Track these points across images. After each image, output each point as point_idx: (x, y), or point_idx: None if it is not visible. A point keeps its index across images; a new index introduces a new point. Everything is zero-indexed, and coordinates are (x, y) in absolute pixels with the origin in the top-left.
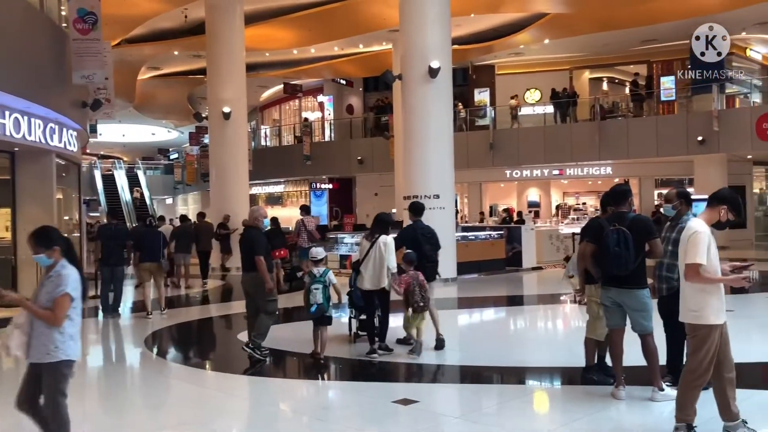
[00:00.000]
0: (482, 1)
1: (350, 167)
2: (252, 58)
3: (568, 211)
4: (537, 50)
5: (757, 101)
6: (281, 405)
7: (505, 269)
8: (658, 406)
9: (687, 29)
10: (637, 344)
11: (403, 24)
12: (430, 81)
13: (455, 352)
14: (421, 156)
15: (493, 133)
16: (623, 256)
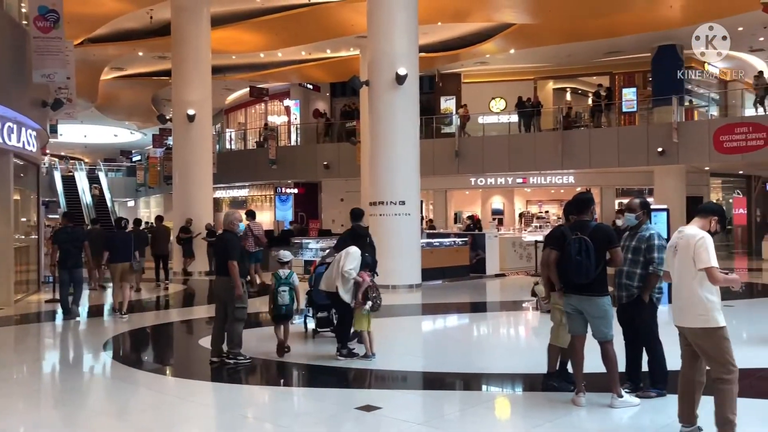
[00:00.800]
0: (449, 11)
1: (316, 172)
2: (218, 60)
3: (531, 219)
4: (502, 60)
5: (714, 114)
6: (243, 411)
7: (468, 276)
8: (617, 412)
9: (649, 42)
10: (598, 351)
11: (370, 30)
12: (397, 88)
13: (419, 358)
14: (387, 162)
15: (459, 141)
16: (584, 265)
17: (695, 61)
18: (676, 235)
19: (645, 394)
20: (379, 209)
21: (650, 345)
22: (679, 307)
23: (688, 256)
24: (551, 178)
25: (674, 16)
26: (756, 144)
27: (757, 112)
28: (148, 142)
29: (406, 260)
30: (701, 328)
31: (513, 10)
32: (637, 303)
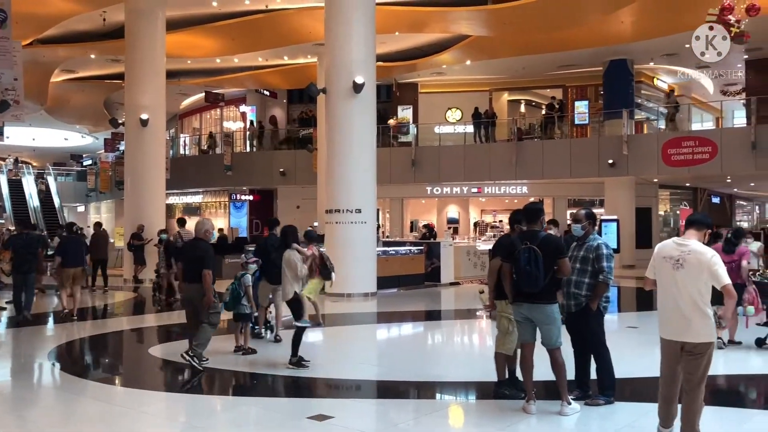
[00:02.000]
0: (406, 21)
1: (272, 179)
2: (173, 64)
3: (486, 228)
4: (459, 71)
5: (663, 128)
6: (193, 421)
7: (423, 284)
8: (567, 419)
9: (601, 56)
10: (547, 359)
11: (328, 38)
12: (354, 96)
13: (373, 367)
14: (344, 170)
15: (416, 150)
16: (533, 274)
17: (645, 75)
18: (677, 247)
19: (594, 402)
20: (335, 217)
21: (598, 352)
22: (679, 322)
23: (699, 272)
24: (505, 188)
25: (625, 31)
26: (702, 157)
27: (667, 128)
28: (99, 147)
29: (361, 268)
30: (704, 343)
31: (469, 22)
32: (586, 311)
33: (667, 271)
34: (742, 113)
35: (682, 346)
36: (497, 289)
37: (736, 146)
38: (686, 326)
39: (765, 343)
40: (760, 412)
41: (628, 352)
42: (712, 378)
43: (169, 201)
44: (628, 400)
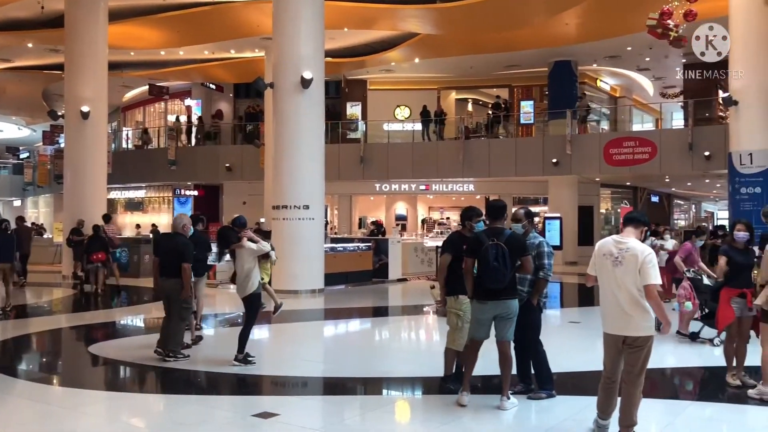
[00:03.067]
0: (355, 17)
1: (218, 174)
2: (115, 56)
3: (433, 225)
4: (407, 68)
5: (605, 128)
6: (134, 421)
7: (371, 280)
8: (507, 414)
9: (546, 57)
10: (490, 354)
11: (276, 32)
12: (302, 91)
13: (319, 363)
14: (291, 166)
15: (364, 147)
16: (501, 271)
17: (588, 77)
18: (616, 245)
19: (537, 396)
20: (283, 213)
21: (536, 347)
22: (620, 317)
23: (636, 269)
24: (453, 185)
25: (570, 33)
26: (642, 157)
27: (578, 131)
28: (37, 139)
29: (309, 265)
30: (644, 337)
31: (418, 20)
32: (528, 307)
33: (607, 268)
34: (680, 115)
35: (623, 340)
36: (447, 286)
37: (675, 147)
38: (627, 321)
39: (699, 337)
40: (693, 403)
41: (570, 347)
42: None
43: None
44: (569, 394)
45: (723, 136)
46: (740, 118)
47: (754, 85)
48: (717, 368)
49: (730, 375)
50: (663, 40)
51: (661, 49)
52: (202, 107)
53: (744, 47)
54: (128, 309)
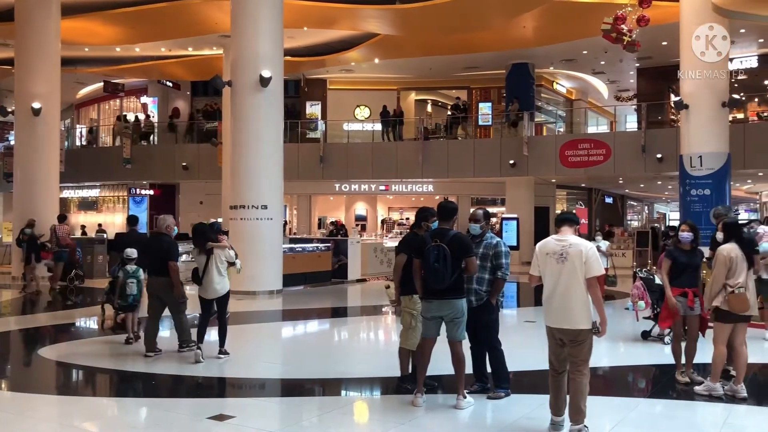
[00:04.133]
0: (315, 16)
1: (174, 173)
2: (69, 51)
3: (393, 225)
4: (367, 69)
5: (561, 130)
6: (86, 425)
7: (330, 281)
8: (463, 413)
9: (504, 60)
10: (448, 354)
11: (234, 30)
12: (261, 90)
13: (277, 365)
14: (249, 165)
15: (324, 147)
16: (441, 271)
17: (545, 79)
18: (558, 243)
19: (495, 395)
20: (240, 213)
21: (494, 346)
22: (564, 311)
23: (581, 263)
24: (412, 186)
25: (527, 36)
26: (596, 159)
27: (509, 134)
28: None
29: (267, 265)
30: (586, 329)
31: (378, 21)
32: (486, 306)
33: (552, 266)
34: (633, 118)
35: (567, 333)
36: (402, 285)
37: (628, 149)
38: (569, 314)
39: (650, 336)
40: (644, 400)
41: (526, 346)
42: (603, 369)
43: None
44: (525, 392)
45: (674, 139)
46: (691, 121)
47: (704, 90)
48: (667, 366)
49: (679, 372)
50: (617, 44)
51: (615, 53)
52: (159, 105)
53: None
54: (81, 311)
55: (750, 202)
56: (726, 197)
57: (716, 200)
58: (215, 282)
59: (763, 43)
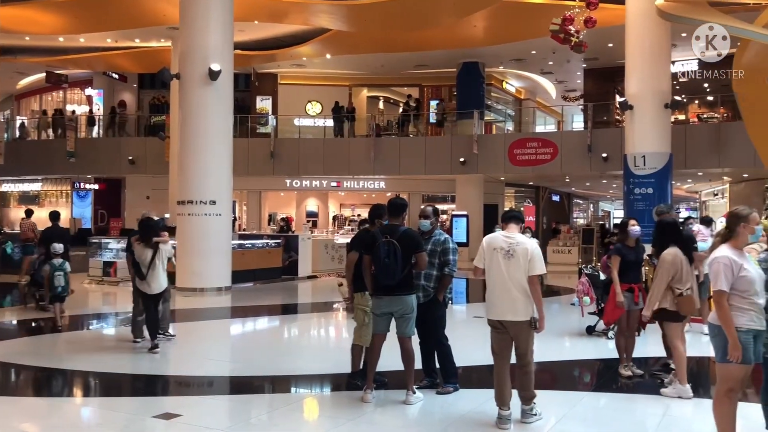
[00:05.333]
0: (266, 10)
1: (120, 167)
2: (8, 40)
3: (344, 221)
4: (319, 64)
5: (510, 129)
6: (25, 426)
7: (281, 278)
8: (412, 408)
9: (455, 58)
10: (397, 350)
11: (183, 22)
12: (210, 83)
13: (225, 362)
14: (198, 160)
15: (274, 142)
16: (391, 267)
17: (495, 79)
18: (506, 239)
19: (444, 390)
20: (188, 208)
21: (441, 342)
22: (507, 303)
23: (525, 260)
24: (364, 182)
25: (477, 35)
26: (544, 158)
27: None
28: None
29: (215, 262)
30: (526, 321)
31: (329, 16)
32: (434, 302)
33: (498, 260)
34: (580, 118)
35: (510, 325)
36: (355, 282)
37: (575, 148)
38: (513, 307)
39: (595, 331)
40: (588, 393)
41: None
42: (549, 364)
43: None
44: (473, 387)
45: (619, 138)
46: (635, 121)
47: (648, 91)
48: (611, 360)
49: (622, 366)
50: (565, 45)
51: (563, 54)
52: (104, 97)
53: (640, 54)
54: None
55: (690, 201)
56: (668, 196)
57: (658, 199)
58: (160, 277)
59: None
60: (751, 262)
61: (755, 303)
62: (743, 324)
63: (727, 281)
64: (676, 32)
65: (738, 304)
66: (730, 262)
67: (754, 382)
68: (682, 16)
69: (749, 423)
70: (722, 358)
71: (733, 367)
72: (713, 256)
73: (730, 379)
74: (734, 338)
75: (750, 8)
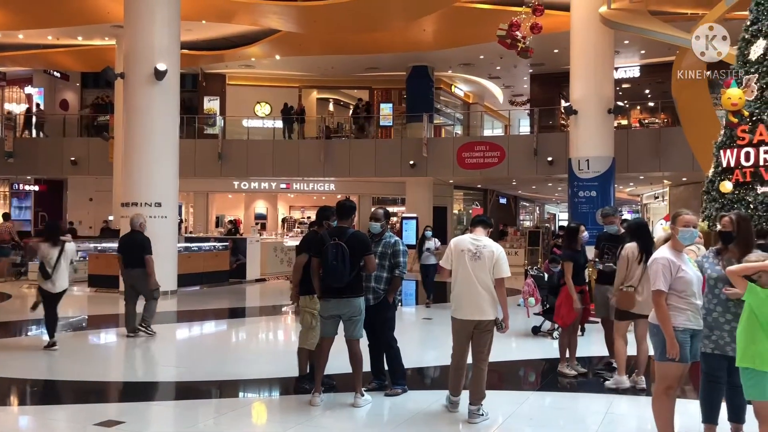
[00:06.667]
0: (214, 9)
1: (62, 168)
2: None
3: (294, 224)
4: (268, 65)
5: (458, 133)
6: None
7: (228, 281)
8: (361, 411)
9: (405, 62)
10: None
11: (128, 21)
12: (155, 83)
13: (170, 367)
14: (143, 161)
15: (222, 143)
16: (339, 269)
17: (444, 83)
18: (473, 242)
19: (393, 392)
20: (132, 210)
21: (390, 344)
22: (474, 304)
23: (491, 263)
24: (314, 184)
25: (427, 39)
26: (492, 161)
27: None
28: None
29: (161, 265)
30: (491, 320)
31: (279, 17)
32: (384, 304)
33: (465, 262)
34: (527, 122)
35: (475, 325)
36: (302, 285)
37: (521, 152)
38: (479, 307)
39: (540, 331)
40: (534, 393)
41: (423, 343)
42: (496, 364)
43: None
44: (422, 389)
45: (564, 142)
46: (579, 126)
47: (592, 96)
48: (556, 360)
49: (564, 365)
50: (512, 50)
51: (510, 59)
52: (45, 96)
53: (584, 61)
54: None
55: (632, 204)
56: (611, 199)
57: (602, 201)
58: (63, 276)
59: (644, 54)
60: (689, 264)
61: (692, 303)
62: (680, 323)
63: (665, 281)
64: (619, 39)
65: (676, 303)
66: (668, 263)
67: (692, 379)
68: (624, 24)
69: (688, 418)
70: (661, 357)
71: (672, 366)
72: (653, 257)
73: (669, 376)
74: (671, 337)
75: (688, 18)
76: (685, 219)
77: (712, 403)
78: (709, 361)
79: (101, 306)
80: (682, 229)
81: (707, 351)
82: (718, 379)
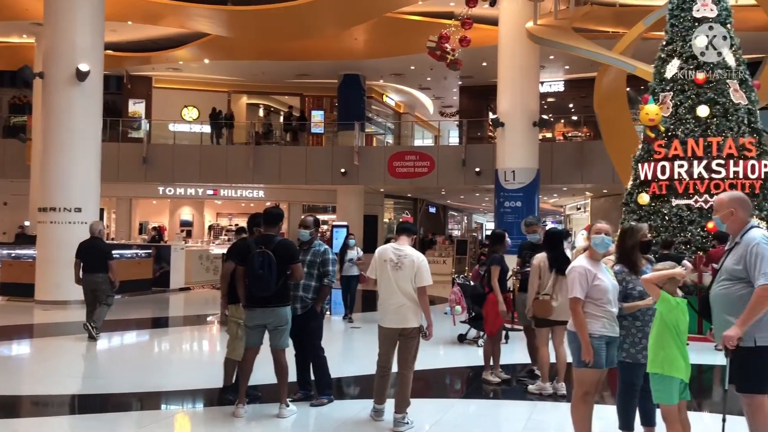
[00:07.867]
0: (140, 11)
1: None
2: None
3: (221, 231)
4: (197, 69)
5: (389, 142)
6: None
7: (151, 290)
8: (285, 422)
9: (336, 70)
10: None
11: (48, 18)
12: (77, 84)
13: (89, 379)
14: (62, 164)
15: (147, 147)
16: (265, 278)
17: (375, 92)
18: (395, 251)
19: (319, 402)
20: (50, 216)
21: (317, 353)
22: (397, 312)
23: (413, 272)
24: (242, 191)
25: (358, 48)
26: (421, 171)
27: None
28: None
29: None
30: (415, 328)
31: (208, 21)
32: (311, 313)
33: (388, 272)
34: (456, 133)
35: (400, 332)
36: (230, 294)
37: (450, 162)
38: (403, 316)
39: (466, 339)
40: (459, 401)
41: (350, 352)
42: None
43: None
44: (348, 398)
45: (491, 154)
46: (506, 138)
47: (518, 109)
48: (481, 367)
49: (488, 373)
50: (441, 61)
51: (440, 70)
52: None
53: (511, 74)
54: None
55: (556, 215)
56: (535, 209)
57: (526, 212)
58: None
59: (568, 70)
60: (606, 273)
61: (608, 311)
62: (596, 330)
63: (582, 289)
64: (545, 55)
65: (592, 311)
66: (585, 271)
67: (610, 385)
68: (549, 39)
69: (605, 423)
70: (578, 363)
71: (588, 372)
72: (571, 266)
73: (585, 382)
74: (587, 343)
75: (609, 36)
76: (596, 227)
77: (627, 409)
78: (624, 369)
79: (13, 316)
80: (594, 235)
81: (621, 359)
82: (634, 387)
